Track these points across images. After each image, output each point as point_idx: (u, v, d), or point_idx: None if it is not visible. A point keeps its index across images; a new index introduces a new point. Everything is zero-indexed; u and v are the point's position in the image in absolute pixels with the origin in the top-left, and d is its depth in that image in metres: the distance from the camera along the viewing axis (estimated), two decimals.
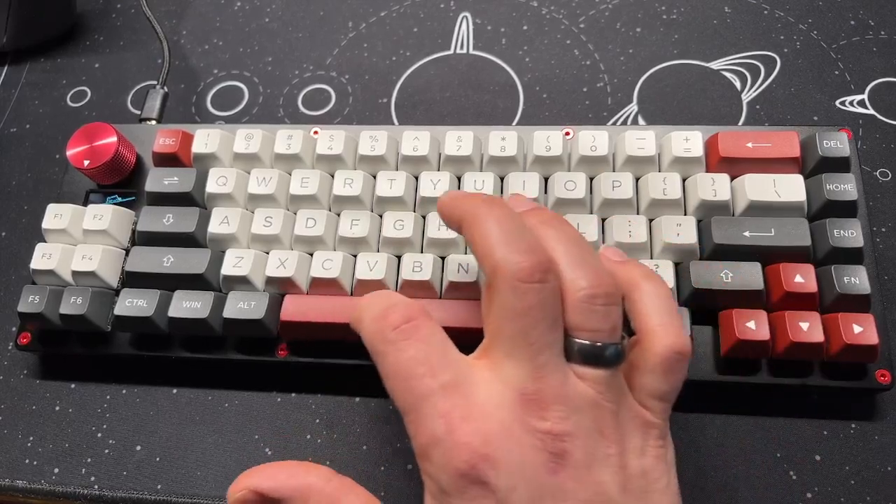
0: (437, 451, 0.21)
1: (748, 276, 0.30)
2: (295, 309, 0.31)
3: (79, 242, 0.35)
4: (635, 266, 0.26)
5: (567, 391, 0.21)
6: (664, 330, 0.24)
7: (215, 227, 0.34)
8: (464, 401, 0.21)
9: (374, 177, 0.34)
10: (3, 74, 0.48)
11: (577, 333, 0.22)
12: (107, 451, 0.34)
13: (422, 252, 0.33)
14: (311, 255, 0.33)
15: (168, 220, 0.34)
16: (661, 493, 0.22)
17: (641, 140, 0.33)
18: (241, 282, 0.32)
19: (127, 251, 0.35)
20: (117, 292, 0.34)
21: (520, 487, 0.20)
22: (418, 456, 0.22)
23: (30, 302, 0.33)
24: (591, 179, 0.33)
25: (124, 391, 0.35)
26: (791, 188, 0.31)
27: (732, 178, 0.32)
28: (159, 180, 0.35)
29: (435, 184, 0.33)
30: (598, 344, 0.22)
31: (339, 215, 0.34)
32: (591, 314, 0.22)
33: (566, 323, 0.22)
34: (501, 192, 0.33)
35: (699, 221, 0.32)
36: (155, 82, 0.42)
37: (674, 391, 0.24)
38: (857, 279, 0.29)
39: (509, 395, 0.21)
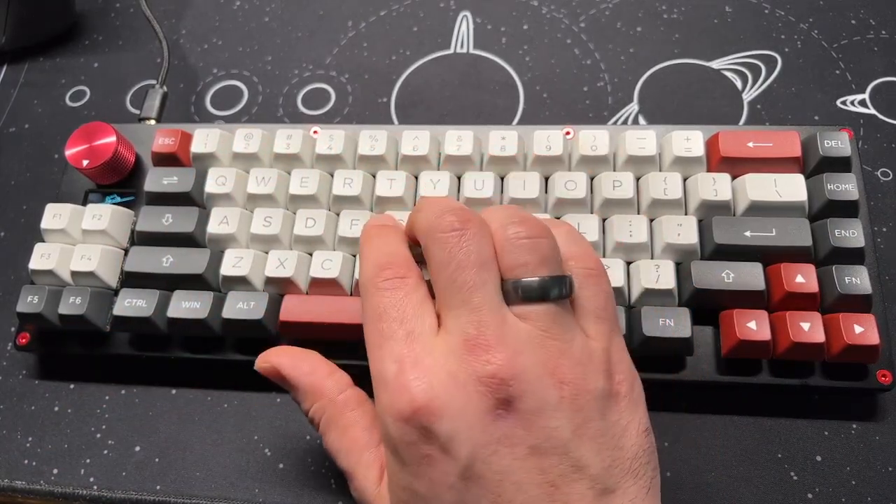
0: (385, 393, 0.22)
1: (749, 276, 0.29)
2: (294, 309, 0.31)
3: (78, 242, 0.35)
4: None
5: (507, 332, 0.21)
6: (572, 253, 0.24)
7: (214, 227, 0.33)
8: (421, 349, 0.22)
9: (374, 176, 0.34)
10: (2, 74, 0.48)
11: (508, 273, 0.22)
12: (106, 451, 0.34)
13: None
14: (311, 255, 0.33)
15: (167, 219, 0.34)
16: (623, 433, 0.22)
17: (642, 140, 0.33)
18: (241, 282, 0.32)
19: (126, 251, 0.35)
20: (116, 292, 0.34)
21: (462, 434, 0.20)
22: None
23: (28, 302, 0.33)
24: (592, 179, 0.33)
25: (123, 391, 0.35)
26: (792, 188, 0.31)
27: (733, 178, 0.32)
28: (158, 180, 0.35)
29: (435, 183, 0.33)
30: (529, 279, 0.22)
31: (338, 215, 0.33)
32: (516, 249, 0.22)
33: (500, 268, 0.23)
34: (502, 192, 0.33)
35: (700, 221, 0.31)
36: (154, 82, 0.42)
37: (602, 309, 0.23)
38: (858, 279, 0.29)
39: (454, 342, 0.21)
